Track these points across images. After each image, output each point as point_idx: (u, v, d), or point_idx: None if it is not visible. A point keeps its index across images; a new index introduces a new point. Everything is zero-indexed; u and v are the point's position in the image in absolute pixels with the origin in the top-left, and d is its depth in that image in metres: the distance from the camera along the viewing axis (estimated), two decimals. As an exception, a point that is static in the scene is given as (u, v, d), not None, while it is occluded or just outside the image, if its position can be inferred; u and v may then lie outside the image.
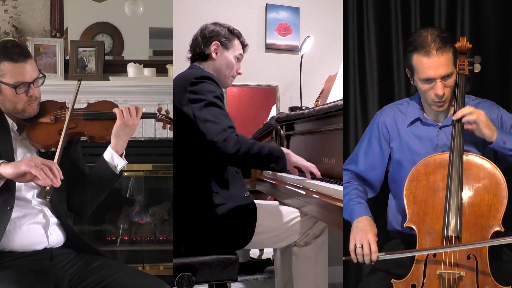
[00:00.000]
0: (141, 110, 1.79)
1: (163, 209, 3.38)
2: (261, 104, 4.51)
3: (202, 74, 1.98)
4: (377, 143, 1.81)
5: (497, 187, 1.52)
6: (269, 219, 2.03)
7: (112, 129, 1.74)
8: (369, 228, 1.60)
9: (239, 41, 2.17)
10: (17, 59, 1.66)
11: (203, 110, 1.88)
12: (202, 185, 1.95)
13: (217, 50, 2.11)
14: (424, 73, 1.63)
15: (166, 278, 1.77)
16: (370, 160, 1.82)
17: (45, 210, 1.72)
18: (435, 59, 1.61)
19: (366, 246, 1.55)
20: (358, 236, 1.58)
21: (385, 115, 1.82)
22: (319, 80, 3.82)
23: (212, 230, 1.92)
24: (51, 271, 1.68)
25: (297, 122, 2.52)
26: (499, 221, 1.49)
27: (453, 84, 1.66)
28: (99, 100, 1.88)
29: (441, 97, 1.64)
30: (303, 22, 4.55)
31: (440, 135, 1.71)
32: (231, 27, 2.18)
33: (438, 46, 1.61)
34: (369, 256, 1.55)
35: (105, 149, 1.77)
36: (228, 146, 1.82)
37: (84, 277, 1.69)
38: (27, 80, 1.68)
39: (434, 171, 1.57)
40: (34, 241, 1.69)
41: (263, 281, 3.21)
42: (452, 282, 1.48)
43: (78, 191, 1.81)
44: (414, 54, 1.64)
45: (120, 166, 1.78)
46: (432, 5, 2.08)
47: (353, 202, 1.70)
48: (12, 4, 3.22)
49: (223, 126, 1.85)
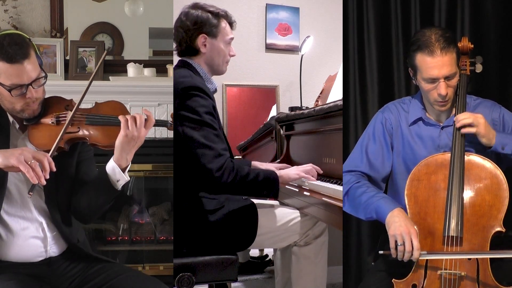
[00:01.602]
0: (152, 121, 1.60)
1: (163, 209, 3.38)
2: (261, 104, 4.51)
3: (190, 84, 1.84)
4: (383, 139, 1.77)
5: (498, 187, 1.52)
6: (269, 219, 2.03)
7: (117, 136, 1.57)
8: (408, 222, 1.51)
9: (226, 22, 2.02)
10: (13, 59, 1.50)
11: (196, 132, 1.79)
12: (200, 191, 1.93)
13: (205, 42, 1.97)
14: (428, 73, 1.62)
15: (166, 278, 1.77)
16: (376, 157, 1.77)
17: (44, 224, 1.65)
18: (439, 59, 1.59)
19: (408, 243, 1.46)
20: (398, 231, 1.48)
21: (388, 112, 1.79)
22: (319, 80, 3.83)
23: (212, 234, 1.91)
24: (49, 277, 1.65)
25: (297, 122, 2.52)
26: (500, 221, 1.49)
27: (456, 84, 1.66)
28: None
29: (444, 97, 1.63)
30: (303, 22, 4.56)
31: (442, 136, 1.71)
32: (214, 9, 2.00)
33: (442, 46, 1.59)
34: (410, 253, 1.47)
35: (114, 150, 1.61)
36: (224, 175, 1.75)
37: (85, 282, 1.67)
38: (24, 82, 1.53)
39: (435, 171, 1.57)
40: (33, 255, 1.64)
41: (263, 281, 3.21)
42: (453, 282, 1.47)
43: (80, 196, 1.70)
44: (417, 54, 1.63)
45: (122, 182, 1.63)
46: (432, 5, 2.08)
47: (377, 198, 1.61)
48: (12, 4, 3.23)
49: (218, 151, 1.77)
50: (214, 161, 1.75)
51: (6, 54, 1.50)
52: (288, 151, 2.63)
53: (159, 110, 3.24)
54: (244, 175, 1.79)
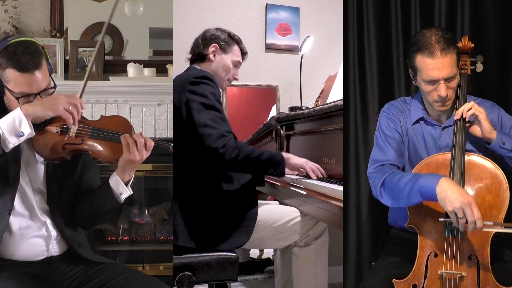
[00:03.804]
0: (151, 144, 1.63)
1: (163, 209, 3.38)
2: (261, 104, 4.51)
3: (201, 74, 2.01)
4: (397, 132, 1.74)
5: (499, 187, 1.51)
6: (269, 219, 2.03)
7: (118, 152, 1.60)
8: (462, 190, 1.42)
9: (238, 47, 2.22)
10: (25, 68, 1.51)
11: (202, 113, 1.91)
12: (205, 181, 1.99)
13: (215, 52, 2.16)
14: (428, 74, 1.61)
15: (166, 278, 1.77)
16: (398, 147, 1.72)
17: (48, 223, 1.66)
18: (439, 61, 1.59)
19: (469, 213, 1.38)
20: (458, 205, 1.39)
21: (395, 109, 1.78)
22: (319, 80, 3.83)
23: (217, 222, 1.94)
24: (49, 277, 1.65)
25: (297, 122, 2.52)
26: (501, 221, 1.49)
27: (456, 85, 1.65)
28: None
29: (444, 99, 1.63)
30: (303, 22, 4.55)
31: (442, 136, 1.71)
32: (233, 33, 2.22)
33: (442, 47, 1.58)
34: (474, 224, 1.39)
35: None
36: (227, 152, 1.87)
37: (85, 282, 1.67)
38: (33, 92, 1.54)
39: (436, 171, 1.56)
40: (35, 254, 1.65)
41: (263, 281, 3.21)
42: (454, 282, 1.47)
43: (83, 204, 1.71)
44: (417, 55, 1.62)
45: (125, 196, 1.67)
46: (432, 5, 2.07)
47: (416, 178, 1.49)
48: (12, 4, 3.23)
49: (221, 132, 1.89)
50: (218, 140, 1.88)
51: (18, 63, 1.51)
52: (288, 151, 2.63)
53: (159, 110, 3.24)
54: (247, 152, 1.92)
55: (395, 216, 1.78)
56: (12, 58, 1.51)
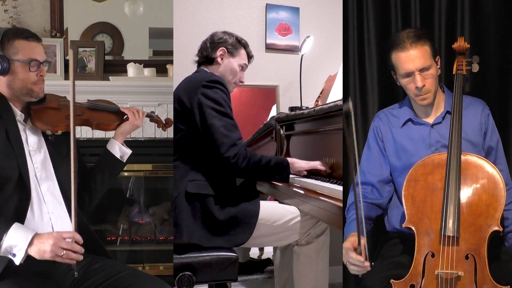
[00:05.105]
0: (144, 112, 1.95)
1: (163, 209, 3.38)
2: (261, 104, 4.51)
3: (214, 78, 2.05)
4: (377, 147, 1.82)
5: (495, 186, 1.52)
6: (270, 218, 2.04)
7: (116, 120, 1.88)
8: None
9: (245, 51, 2.27)
10: (30, 38, 1.72)
11: (216, 119, 1.97)
12: (208, 178, 2.02)
13: (223, 55, 2.20)
14: (403, 68, 1.69)
15: (166, 278, 1.77)
16: (374, 163, 1.80)
17: (53, 219, 1.71)
18: (411, 53, 1.67)
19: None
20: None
21: (378, 120, 1.85)
22: (319, 80, 3.83)
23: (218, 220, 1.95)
24: (53, 273, 1.67)
25: (297, 122, 2.52)
26: (498, 221, 1.50)
27: (434, 77, 1.70)
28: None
29: (420, 89, 1.68)
30: (303, 22, 4.55)
31: (432, 134, 1.73)
32: (240, 37, 2.28)
33: (411, 41, 1.67)
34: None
35: (103, 149, 1.90)
36: (238, 161, 1.96)
37: (85, 279, 1.69)
38: (39, 59, 1.72)
39: (432, 171, 1.58)
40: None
41: (263, 281, 3.21)
42: (451, 282, 1.48)
43: (84, 187, 1.84)
44: (392, 53, 1.71)
45: (126, 157, 1.91)
46: (432, 5, 2.07)
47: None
48: (12, 4, 3.23)
49: (233, 140, 1.96)
50: (230, 149, 1.95)
51: (23, 33, 1.73)
52: (288, 151, 2.63)
53: (159, 110, 3.24)
54: (257, 160, 2.00)
55: (391, 218, 1.80)
56: (18, 31, 1.74)
